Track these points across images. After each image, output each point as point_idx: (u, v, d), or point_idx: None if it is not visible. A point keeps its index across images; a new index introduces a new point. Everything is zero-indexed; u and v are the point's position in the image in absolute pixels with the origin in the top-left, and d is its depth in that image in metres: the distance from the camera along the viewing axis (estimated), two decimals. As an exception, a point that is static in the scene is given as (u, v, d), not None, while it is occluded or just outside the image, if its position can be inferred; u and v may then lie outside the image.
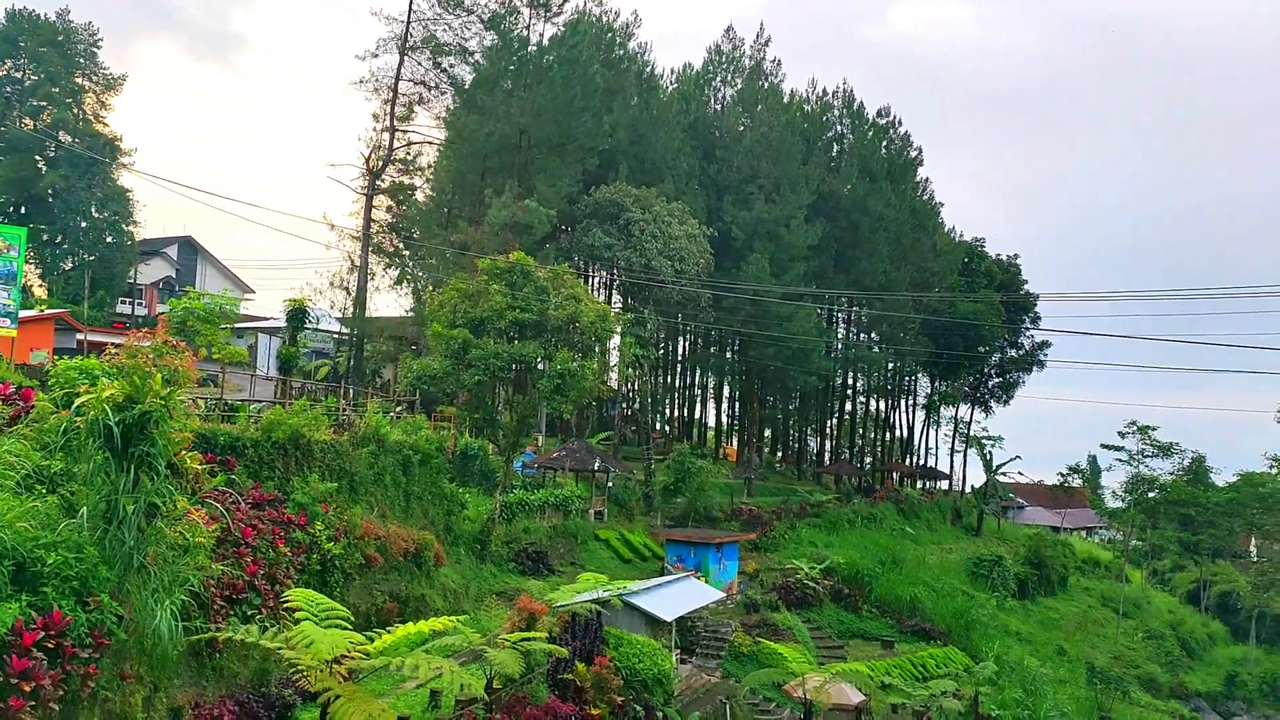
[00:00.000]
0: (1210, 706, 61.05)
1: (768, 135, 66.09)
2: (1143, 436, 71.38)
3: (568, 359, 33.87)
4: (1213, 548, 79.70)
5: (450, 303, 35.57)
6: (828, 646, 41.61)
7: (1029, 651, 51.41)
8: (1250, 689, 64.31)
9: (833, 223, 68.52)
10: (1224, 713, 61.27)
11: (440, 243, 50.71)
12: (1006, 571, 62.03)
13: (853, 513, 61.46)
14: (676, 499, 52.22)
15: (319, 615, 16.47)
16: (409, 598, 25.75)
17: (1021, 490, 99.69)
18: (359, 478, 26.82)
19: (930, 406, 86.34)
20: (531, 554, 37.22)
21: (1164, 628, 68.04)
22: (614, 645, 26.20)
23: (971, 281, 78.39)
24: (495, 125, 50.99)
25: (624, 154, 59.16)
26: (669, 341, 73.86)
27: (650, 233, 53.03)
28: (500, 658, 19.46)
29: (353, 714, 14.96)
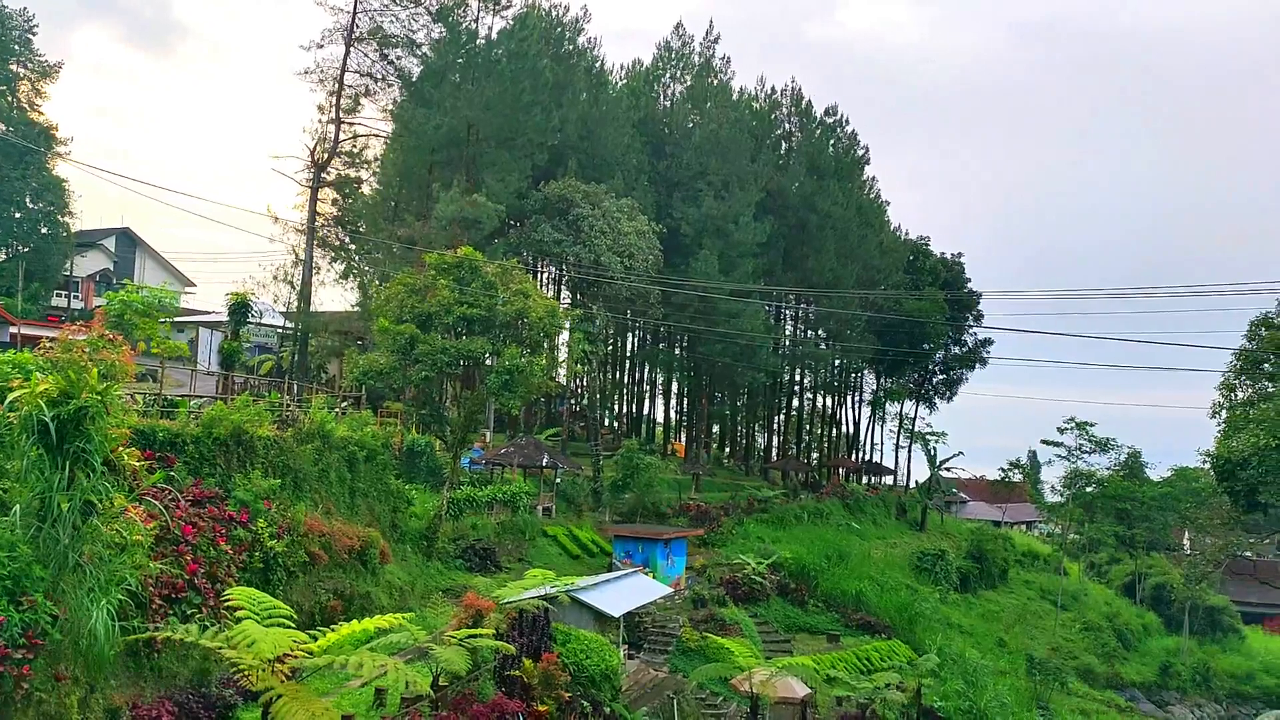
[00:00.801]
0: (1145, 696, 62.50)
1: (717, 132, 66.36)
2: (1081, 433, 72.94)
3: (516, 355, 33.77)
4: (1147, 541, 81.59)
5: (397, 298, 35.29)
6: (774, 641, 41.92)
7: (970, 644, 52.21)
8: (1183, 679, 65.96)
9: (781, 220, 68.99)
10: (1158, 702, 62.76)
11: (387, 237, 50.21)
12: (949, 565, 62.97)
13: (799, 508, 61.98)
14: (625, 495, 52.28)
15: (261, 614, 16.24)
16: (354, 595, 25.49)
17: (964, 485, 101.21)
18: (303, 474, 26.47)
19: (876, 403, 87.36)
20: (479, 550, 37.03)
21: (1100, 620, 69.50)
22: (561, 641, 26.15)
23: (916, 279, 79.36)
24: (443, 119, 50.58)
25: (573, 149, 59.02)
26: (618, 338, 73.89)
27: (599, 229, 52.98)
28: (446, 655, 19.34)
29: (295, 713, 14.77)
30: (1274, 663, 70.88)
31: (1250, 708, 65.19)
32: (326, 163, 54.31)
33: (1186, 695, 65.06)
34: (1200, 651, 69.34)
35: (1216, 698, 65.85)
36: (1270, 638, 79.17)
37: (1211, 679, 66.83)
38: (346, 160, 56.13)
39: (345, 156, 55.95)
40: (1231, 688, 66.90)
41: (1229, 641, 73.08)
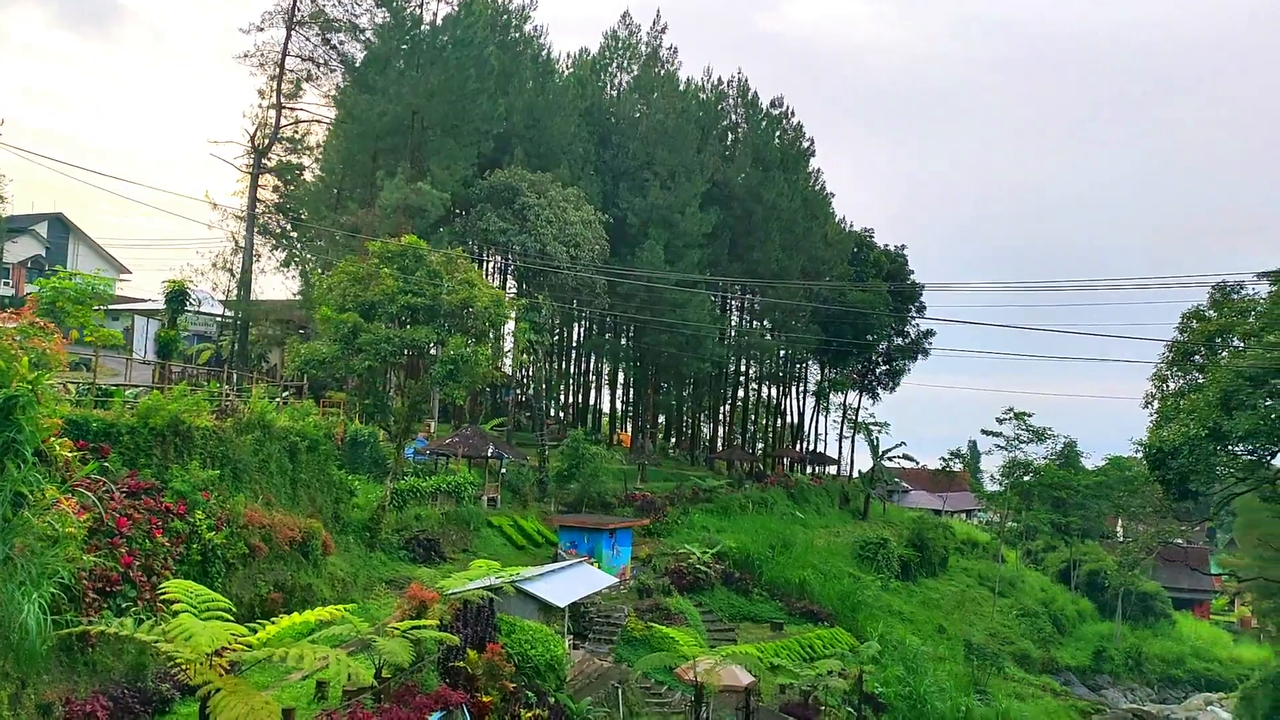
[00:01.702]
0: (1079, 680, 64.06)
1: (663, 123, 66.40)
2: (1019, 423, 74.40)
3: (461, 344, 33.55)
4: (1082, 529, 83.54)
5: (340, 286, 34.84)
6: (719, 629, 42.21)
7: (911, 630, 53.05)
8: (1116, 663, 67.72)
9: (727, 211, 69.27)
10: (1092, 686, 64.36)
11: (329, 224, 49.49)
12: (891, 554, 63.91)
13: (744, 498, 62.44)
14: (570, 485, 52.21)
15: (198, 607, 15.93)
16: (295, 587, 25.15)
17: (906, 475, 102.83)
18: (243, 465, 26.03)
19: (820, 393, 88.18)
20: (423, 541, 36.77)
21: (1037, 605, 71.04)
22: (506, 632, 26.08)
23: (861, 271, 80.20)
24: (387, 105, 49.94)
25: (519, 138, 58.66)
26: (564, 327, 73.70)
27: (546, 218, 52.75)
28: (389, 646, 19.16)
29: (234, 707, 14.52)
30: (1203, 647, 73.11)
31: (1180, 690, 67.17)
32: (267, 148, 53.31)
33: (1119, 679, 66.79)
34: (1133, 636, 71.21)
35: (1148, 681, 67.72)
36: (1200, 623, 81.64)
37: (1143, 663, 68.70)
38: (288, 146, 55.14)
39: (287, 142, 54.97)
40: (1162, 671, 68.86)
41: (1160, 627, 75.15)
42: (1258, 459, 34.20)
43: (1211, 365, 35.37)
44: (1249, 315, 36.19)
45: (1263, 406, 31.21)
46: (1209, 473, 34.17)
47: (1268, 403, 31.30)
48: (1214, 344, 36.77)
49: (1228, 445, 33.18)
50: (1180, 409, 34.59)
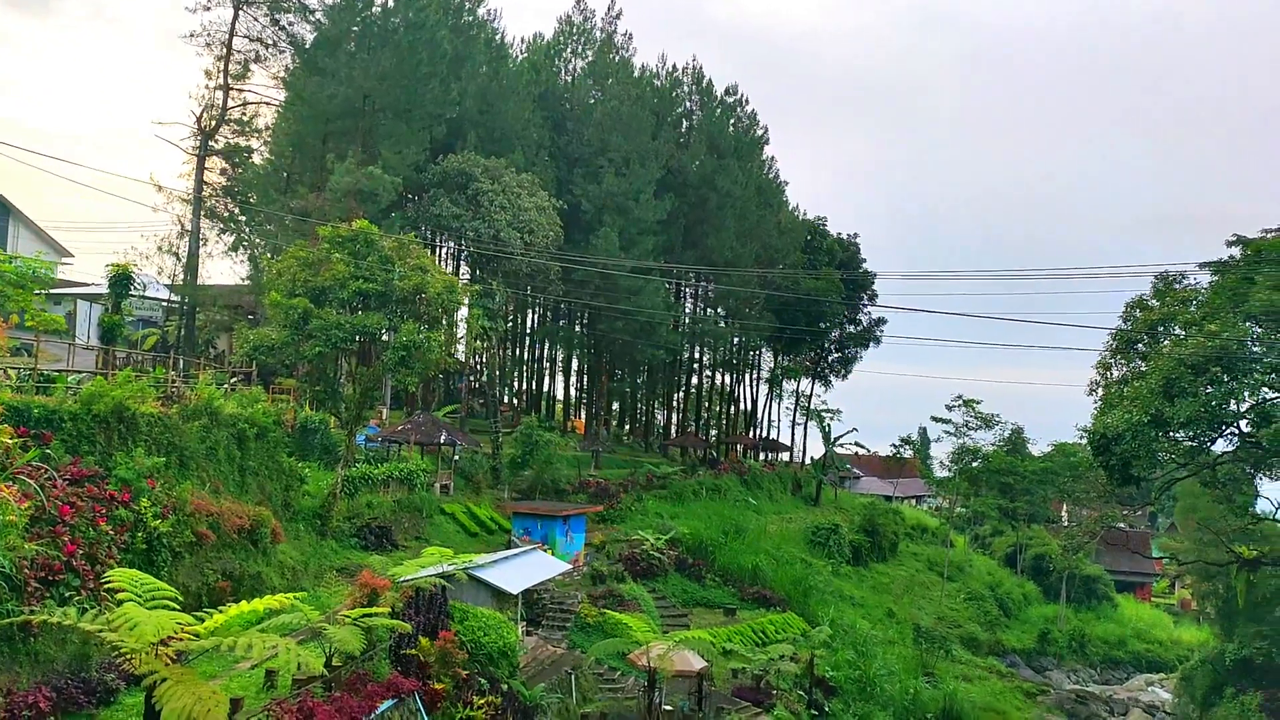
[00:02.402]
0: (1025, 662, 65.26)
1: (618, 109, 66.20)
2: (968, 410, 75.46)
3: (413, 330, 33.28)
4: (1028, 513, 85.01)
5: (289, 271, 34.37)
6: (672, 615, 42.40)
7: (862, 615, 53.72)
8: (1060, 645, 69.08)
9: (681, 198, 69.30)
10: (1037, 667, 65.59)
11: (279, 208, 48.75)
12: (842, 539, 64.58)
13: (698, 484, 62.72)
14: (524, 472, 52.10)
15: (144, 596, 15.70)
16: (244, 576, 24.85)
17: (858, 461, 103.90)
18: (189, 452, 25.65)
19: (773, 380, 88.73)
20: (375, 529, 36.50)
21: (984, 589, 72.20)
22: (459, 619, 25.98)
23: (814, 259, 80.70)
24: (338, 88, 49.24)
25: (472, 123, 58.15)
26: (518, 314, 73.38)
27: (499, 204, 52.40)
28: (340, 635, 19.00)
29: (181, 697, 14.33)
30: (1144, 629, 74.80)
31: (1122, 672, 68.71)
32: (214, 130, 52.36)
33: (1063, 661, 68.15)
34: (1076, 619, 72.66)
35: (1091, 663, 69.17)
36: (1141, 605, 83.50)
37: (1087, 645, 70.16)
38: (236, 128, 54.19)
39: (234, 124, 54.01)
40: (1105, 653, 70.37)
41: (1103, 609, 76.76)
42: (1198, 445, 35.00)
43: (1154, 353, 36.12)
44: (1190, 304, 36.99)
45: (1203, 394, 31.93)
46: (1151, 458, 34.88)
47: (1208, 390, 32.03)
48: (1156, 332, 37.54)
49: (1169, 431, 33.91)
50: (1124, 396, 35.29)
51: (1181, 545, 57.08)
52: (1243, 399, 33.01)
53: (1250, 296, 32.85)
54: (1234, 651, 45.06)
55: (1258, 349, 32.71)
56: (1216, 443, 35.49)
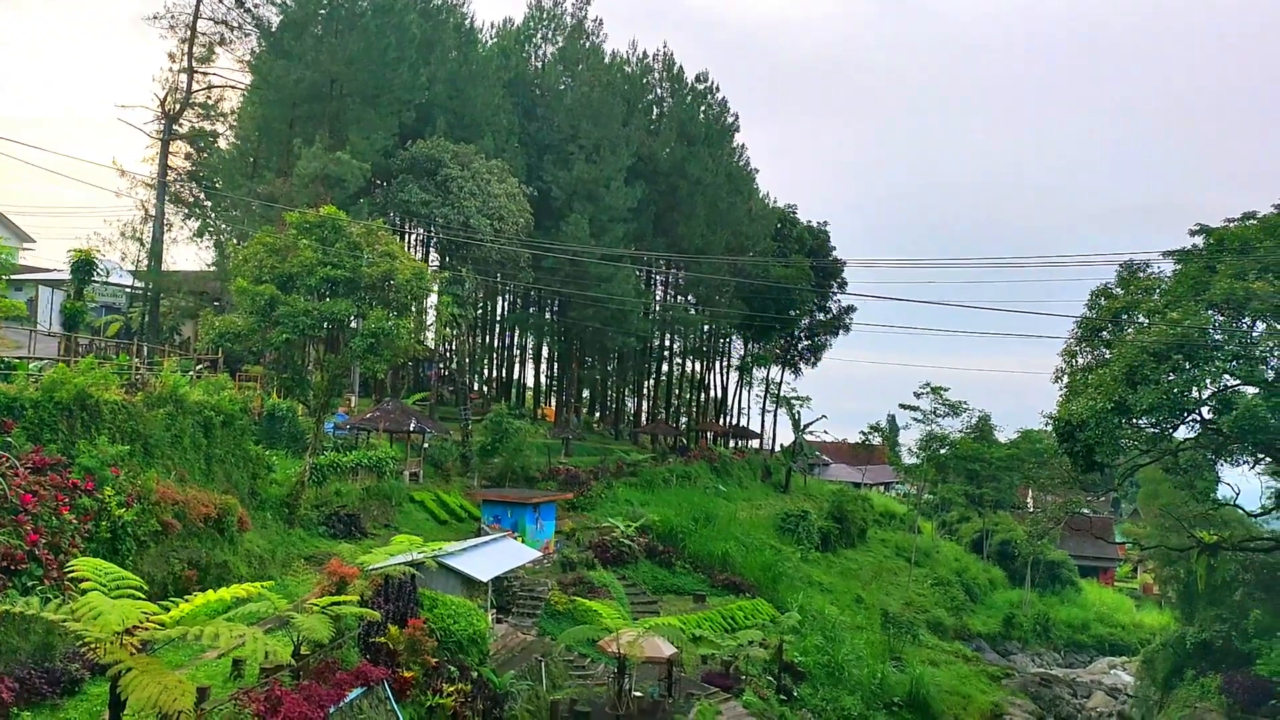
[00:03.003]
0: (990, 646, 66.09)
1: (589, 95, 65.93)
2: (936, 397, 76.05)
3: (382, 318, 32.99)
4: (995, 500, 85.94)
5: (256, 257, 33.95)
6: (642, 602, 42.56)
7: (830, 600, 54.17)
8: (1025, 629, 70.01)
9: (652, 185, 69.19)
10: (1002, 651, 66.45)
11: (245, 194, 48.18)
12: (811, 526, 65.02)
13: (668, 471, 62.85)
14: (494, 459, 51.99)
15: (108, 585, 15.54)
16: (210, 565, 24.66)
17: (827, 448, 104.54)
18: (154, 440, 25.38)
19: (743, 368, 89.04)
20: (343, 517, 36.32)
21: (950, 575, 73.00)
22: (428, 607, 25.93)
23: (784, 247, 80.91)
24: (304, 72, 48.68)
25: (442, 108, 57.69)
26: (487, 301, 73.08)
27: (469, 190, 52.07)
28: (308, 623, 18.90)
29: (146, 686, 14.21)
30: (1107, 613, 75.98)
31: (1085, 655, 69.77)
32: (178, 114, 51.63)
33: (1028, 645, 69.09)
34: (1040, 603, 73.65)
35: (1055, 646, 70.19)
36: (1104, 590, 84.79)
37: (1051, 629, 71.16)
38: (200, 112, 53.45)
39: (199, 108, 53.28)
40: (1069, 637, 71.42)
41: (1067, 594, 77.87)
42: (1160, 432, 35.51)
43: (1118, 341, 36.55)
44: (1154, 293, 37.47)
45: (1165, 382, 32.38)
46: (1114, 445, 35.33)
47: (1170, 378, 32.49)
48: (1120, 321, 37.99)
49: (1132, 419, 34.36)
50: (1088, 384, 35.71)
51: (1144, 531, 57.99)
52: (1204, 386, 33.52)
53: (1212, 285, 33.32)
54: (1194, 635, 45.85)
55: (1219, 337, 33.20)
56: (1178, 429, 36.07)
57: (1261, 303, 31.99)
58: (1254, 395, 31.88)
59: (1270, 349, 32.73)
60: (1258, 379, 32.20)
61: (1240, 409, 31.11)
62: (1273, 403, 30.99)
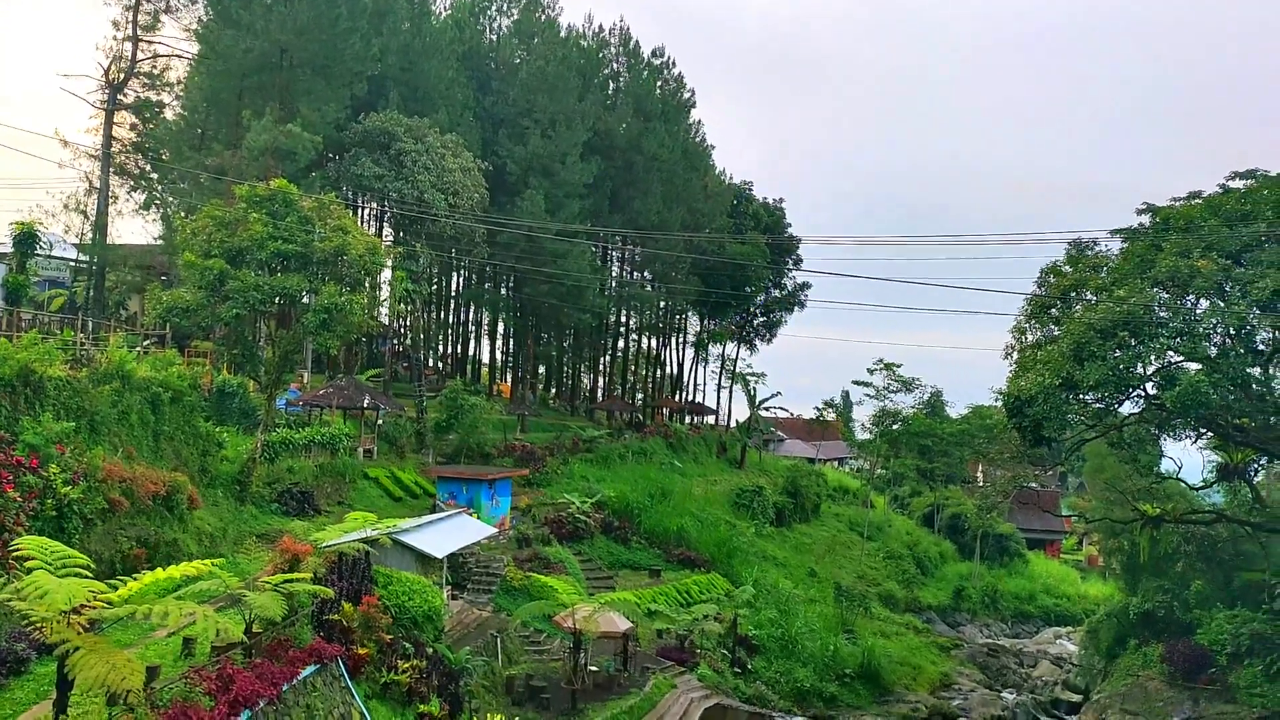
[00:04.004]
0: (940, 618, 67.24)
1: (544, 69, 65.36)
2: (889, 373, 76.84)
3: (335, 293, 32.60)
4: (946, 475, 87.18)
5: (205, 231, 33.33)
6: (598, 577, 42.76)
7: (784, 575, 54.75)
8: (974, 601, 71.26)
9: (608, 161, 68.89)
10: (951, 623, 67.63)
11: (193, 166, 47.24)
12: (766, 501, 65.59)
13: (624, 448, 62.98)
14: (449, 436, 51.77)
15: (54, 563, 15.30)
16: (159, 543, 24.34)
17: (782, 424, 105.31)
18: (101, 417, 24.95)
19: (699, 344, 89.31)
20: (296, 494, 36.00)
21: (902, 549, 74.02)
22: (383, 584, 25.87)
23: (739, 224, 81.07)
24: (253, 41, 47.69)
25: (395, 81, 56.87)
26: (442, 277, 72.51)
27: (423, 164, 51.49)
28: (260, 601, 18.76)
29: (94, 666, 14.03)
30: (1053, 584, 77.52)
31: (1032, 625, 71.23)
32: (123, 84, 50.35)
33: (977, 616, 70.35)
34: (989, 576, 74.97)
35: (1003, 617, 71.55)
36: (1051, 562, 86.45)
37: (999, 600, 72.50)
38: (146, 82, 52.15)
39: (144, 78, 51.94)
40: (1016, 608, 72.82)
41: (1015, 566, 79.29)
42: (1106, 407, 36.16)
43: (1066, 318, 37.12)
44: (1101, 271, 38.06)
45: (1111, 358, 32.95)
46: (1061, 420, 35.88)
47: (1116, 354, 33.06)
48: (1069, 298, 38.56)
49: (1079, 394, 34.94)
50: (1037, 360, 36.24)
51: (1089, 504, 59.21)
52: (1149, 362, 34.15)
53: (1157, 263, 33.92)
54: (1137, 605, 46.96)
55: (1164, 314, 33.83)
56: (1123, 405, 36.71)
57: (1205, 280, 32.63)
58: (1196, 371, 32.53)
59: (1213, 326, 33.42)
60: (1200, 355, 32.88)
61: (1183, 385, 31.73)
62: (1214, 379, 31.67)
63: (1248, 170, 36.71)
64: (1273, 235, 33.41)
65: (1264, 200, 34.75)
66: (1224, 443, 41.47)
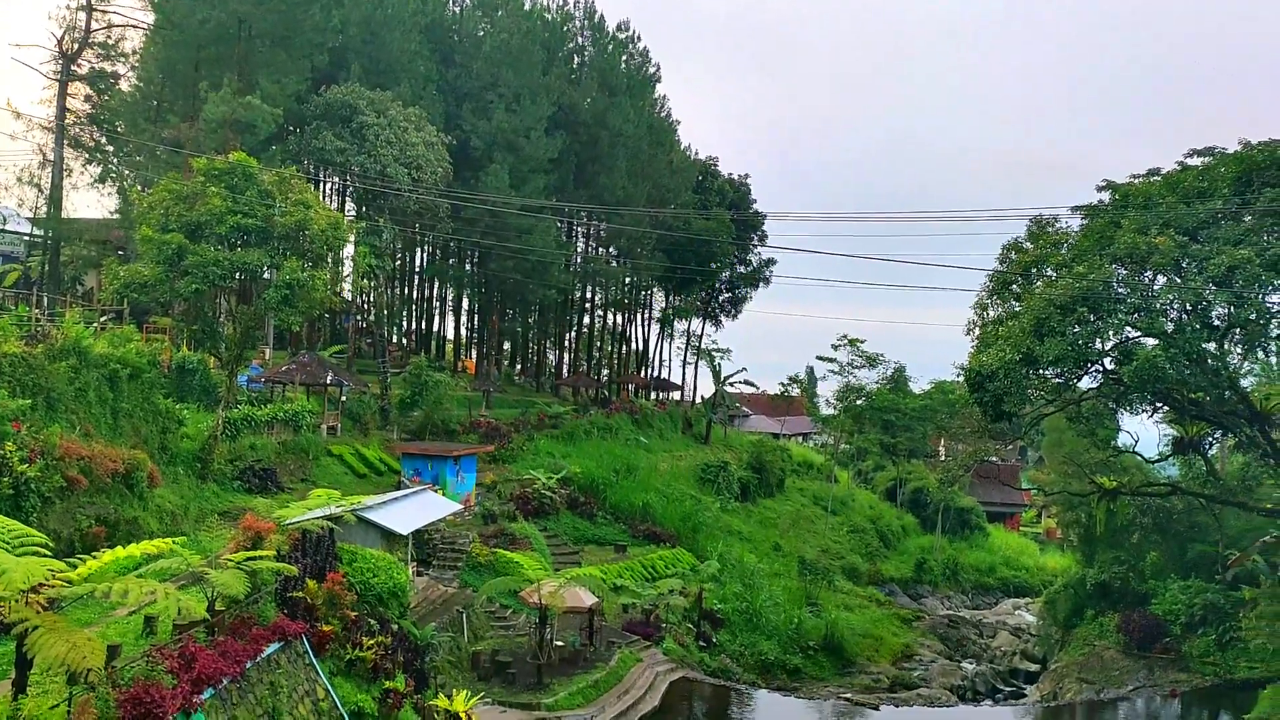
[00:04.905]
0: (902, 590, 68.07)
1: (508, 42, 64.70)
2: (853, 349, 77.27)
3: (297, 268, 32.27)
4: (909, 449, 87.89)
5: (162, 204, 32.82)
6: (564, 553, 42.86)
7: (749, 549, 55.13)
8: (935, 573, 72.20)
9: (573, 136, 68.46)
10: (913, 595, 68.50)
11: (149, 138, 46.43)
12: (731, 476, 65.96)
13: (589, 424, 62.99)
14: (414, 413, 51.53)
15: (11, 542, 15.10)
16: (119, 521, 24.08)
17: (747, 400, 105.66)
18: (57, 394, 24.59)
19: (664, 320, 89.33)
20: (258, 472, 35.72)
21: (866, 522, 74.79)
22: (347, 561, 25.76)
23: (705, 199, 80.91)
24: (210, 11, 46.84)
25: (356, 53, 56.07)
26: (406, 252, 71.90)
27: (385, 138, 50.87)
28: (222, 579, 18.61)
29: (54, 645, 13.87)
30: (1013, 556, 78.72)
31: (992, 597, 72.34)
32: (77, 54, 49.29)
33: (938, 588, 71.31)
34: (950, 548, 75.97)
35: (964, 589, 72.58)
36: (1010, 534, 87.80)
37: (959, 573, 73.52)
38: (100, 52, 51.09)
39: (99, 48, 50.87)
40: (976, 580, 73.89)
41: (976, 539, 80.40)
42: (1065, 382, 36.62)
43: (1027, 295, 37.50)
44: (1062, 247, 38.46)
45: (1070, 333, 33.34)
46: (1021, 395, 36.33)
47: (1075, 329, 33.47)
48: (1030, 274, 38.96)
49: (1039, 369, 35.34)
50: (998, 336, 36.58)
51: (1048, 477, 60.01)
52: (1107, 338, 34.61)
53: (1116, 240, 34.32)
54: (1094, 576, 47.84)
55: (1122, 290, 34.27)
56: (1082, 380, 37.19)
57: (1162, 257, 33.06)
58: (1154, 346, 32.98)
59: (1169, 302, 33.91)
60: (1157, 330, 33.36)
61: (1140, 360, 32.19)
62: (1171, 354, 32.15)
63: (1206, 147, 37.16)
64: (1229, 212, 33.92)
65: (1221, 177, 35.23)
66: (1179, 417, 42.21)
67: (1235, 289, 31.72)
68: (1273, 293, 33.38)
